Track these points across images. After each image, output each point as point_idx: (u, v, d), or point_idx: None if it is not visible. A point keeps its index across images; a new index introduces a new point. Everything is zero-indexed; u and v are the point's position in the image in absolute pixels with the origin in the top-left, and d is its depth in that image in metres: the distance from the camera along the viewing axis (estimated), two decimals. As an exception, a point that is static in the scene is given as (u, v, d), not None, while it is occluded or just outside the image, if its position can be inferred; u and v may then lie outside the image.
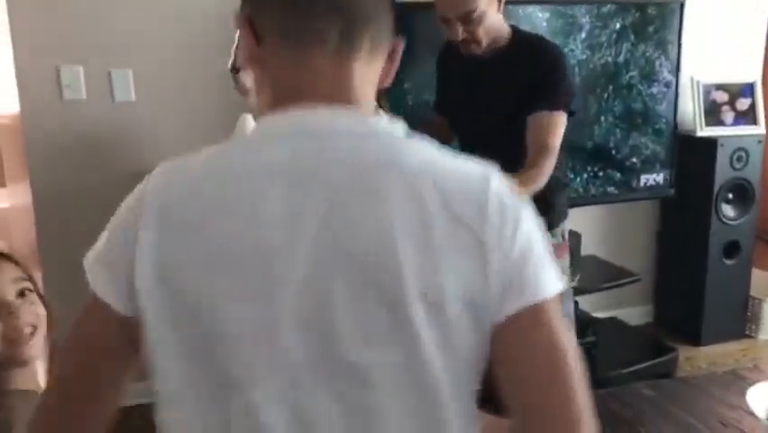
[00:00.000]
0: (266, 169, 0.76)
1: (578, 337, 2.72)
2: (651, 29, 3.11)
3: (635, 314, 3.63)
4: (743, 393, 2.01)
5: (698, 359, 3.32)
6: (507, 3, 2.15)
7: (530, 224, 0.79)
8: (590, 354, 2.96)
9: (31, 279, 1.33)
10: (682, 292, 3.56)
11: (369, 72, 0.82)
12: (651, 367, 3.04)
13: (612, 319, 3.49)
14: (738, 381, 2.12)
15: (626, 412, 1.86)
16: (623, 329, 3.44)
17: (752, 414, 1.94)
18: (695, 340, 3.45)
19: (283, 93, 0.80)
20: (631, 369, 2.97)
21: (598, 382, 1.41)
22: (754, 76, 3.54)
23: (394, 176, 0.75)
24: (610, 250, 3.49)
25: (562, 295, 0.80)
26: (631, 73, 3.11)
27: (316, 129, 0.78)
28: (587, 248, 3.21)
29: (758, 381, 2.10)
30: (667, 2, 3.13)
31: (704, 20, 3.43)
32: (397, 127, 0.81)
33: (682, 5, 3.17)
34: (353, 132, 0.78)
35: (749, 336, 3.56)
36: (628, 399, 2.10)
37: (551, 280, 0.78)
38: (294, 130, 0.78)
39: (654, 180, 3.24)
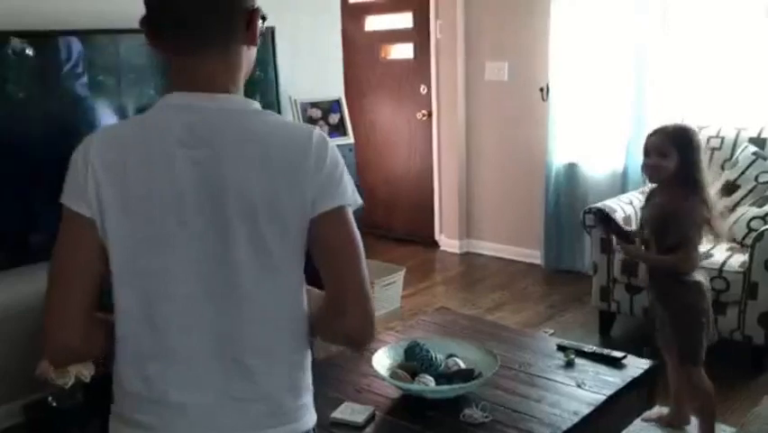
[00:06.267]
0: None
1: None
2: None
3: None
4: (369, 362, 2.30)
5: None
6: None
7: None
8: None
9: None
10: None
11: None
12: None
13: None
14: (366, 352, 2.34)
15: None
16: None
17: (378, 376, 2.25)
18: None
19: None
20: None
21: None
22: (339, 93, 3.98)
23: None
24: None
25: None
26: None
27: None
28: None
29: (377, 348, 2.37)
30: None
31: (293, 43, 3.64)
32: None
33: (273, 31, 3.36)
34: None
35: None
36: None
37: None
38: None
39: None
